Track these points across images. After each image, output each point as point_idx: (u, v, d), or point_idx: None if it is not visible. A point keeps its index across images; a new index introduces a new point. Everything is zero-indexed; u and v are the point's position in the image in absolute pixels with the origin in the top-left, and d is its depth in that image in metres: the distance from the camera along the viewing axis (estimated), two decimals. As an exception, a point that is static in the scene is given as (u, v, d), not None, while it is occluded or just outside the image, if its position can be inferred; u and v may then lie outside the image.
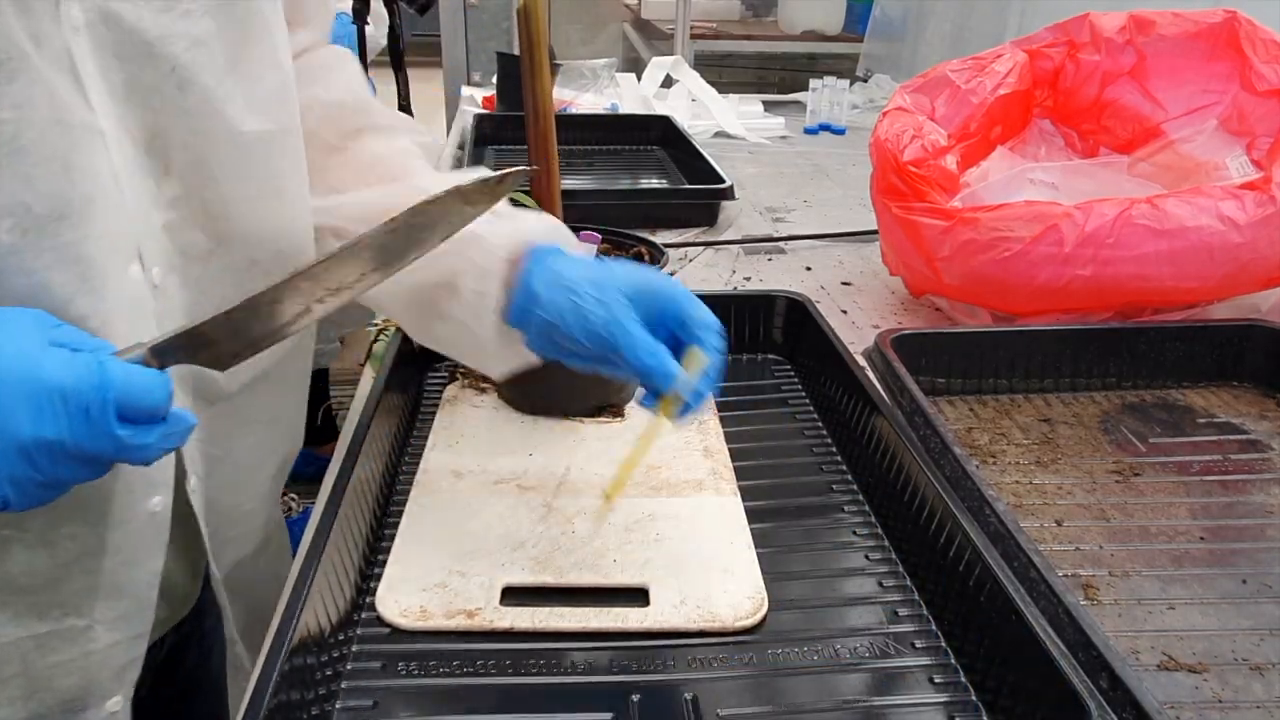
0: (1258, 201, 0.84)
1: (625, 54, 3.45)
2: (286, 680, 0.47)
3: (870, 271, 1.18)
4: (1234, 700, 0.54)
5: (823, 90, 1.99)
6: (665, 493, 0.70)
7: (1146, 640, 0.58)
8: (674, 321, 0.59)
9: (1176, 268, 0.86)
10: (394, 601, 0.58)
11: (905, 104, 1.04)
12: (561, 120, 0.87)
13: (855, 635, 0.58)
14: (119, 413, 0.43)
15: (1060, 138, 1.11)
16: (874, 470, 0.71)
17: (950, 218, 0.91)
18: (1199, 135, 1.01)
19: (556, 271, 0.59)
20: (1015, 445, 0.81)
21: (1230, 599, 0.62)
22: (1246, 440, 0.82)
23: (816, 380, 0.86)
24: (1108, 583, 0.64)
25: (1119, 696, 0.48)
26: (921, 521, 0.63)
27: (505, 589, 0.60)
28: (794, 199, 1.51)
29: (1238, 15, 0.99)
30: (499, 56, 2.08)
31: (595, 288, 0.57)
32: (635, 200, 1.44)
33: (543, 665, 0.55)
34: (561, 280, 0.58)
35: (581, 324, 0.57)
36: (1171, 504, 0.73)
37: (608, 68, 2.09)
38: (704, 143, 1.69)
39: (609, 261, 0.62)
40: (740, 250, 1.26)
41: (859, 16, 2.95)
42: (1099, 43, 1.05)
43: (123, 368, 0.44)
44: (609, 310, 0.57)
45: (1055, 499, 0.73)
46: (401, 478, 0.73)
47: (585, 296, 0.57)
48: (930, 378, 0.88)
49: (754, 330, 0.94)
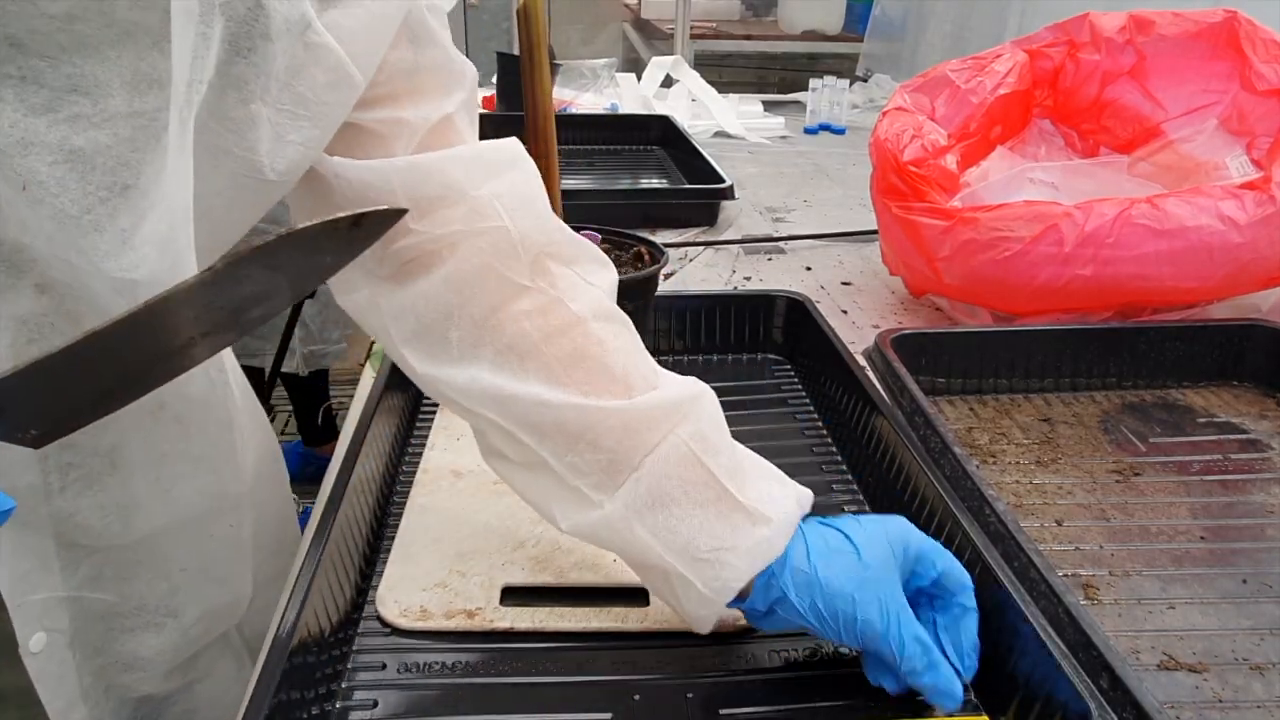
0: (1258, 201, 0.84)
1: (625, 54, 3.46)
2: (287, 680, 0.47)
3: (870, 271, 1.18)
4: (1234, 700, 0.54)
5: (823, 90, 1.99)
6: (665, 493, 0.70)
7: (1147, 640, 0.58)
8: (925, 580, 0.53)
9: (1176, 267, 0.86)
10: (394, 601, 0.58)
11: (905, 104, 1.04)
12: (561, 120, 0.87)
13: (855, 635, 0.58)
14: None
15: (1060, 137, 1.11)
16: (874, 470, 0.71)
17: (950, 217, 0.91)
18: (1199, 135, 1.01)
19: (809, 576, 0.50)
20: (1015, 445, 0.81)
21: (1230, 598, 0.62)
22: (1247, 440, 0.82)
23: (816, 380, 0.86)
24: (1108, 582, 0.64)
25: (1119, 696, 0.48)
26: (922, 521, 0.63)
27: (505, 589, 0.60)
28: (794, 199, 1.51)
29: (1238, 15, 0.99)
30: (499, 56, 2.08)
31: (863, 587, 0.49)
32: (635, 200, 1.44)
33: (543, 665, 0.55)
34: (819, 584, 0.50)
35: (850, 631, 0.50)
36: (1172, 504, 0.73)
37: (608, 68, 2.09)
38: (704, 142, 1.69)
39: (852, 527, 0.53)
40: (740, 250, 1.26)
41: (859, 16, 2.96)
42: (1099, 42, 1.05)
43: None
44: (886, 617, 0.49)
45: (1055, 499, 0.73)
46: (401, 478, 0.73)
47: (856, 602, 0.49)
48: (930, 377, 0.88)
49: (754, 330, 0.94)
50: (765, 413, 0.84)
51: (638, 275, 0.78)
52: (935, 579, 0.52)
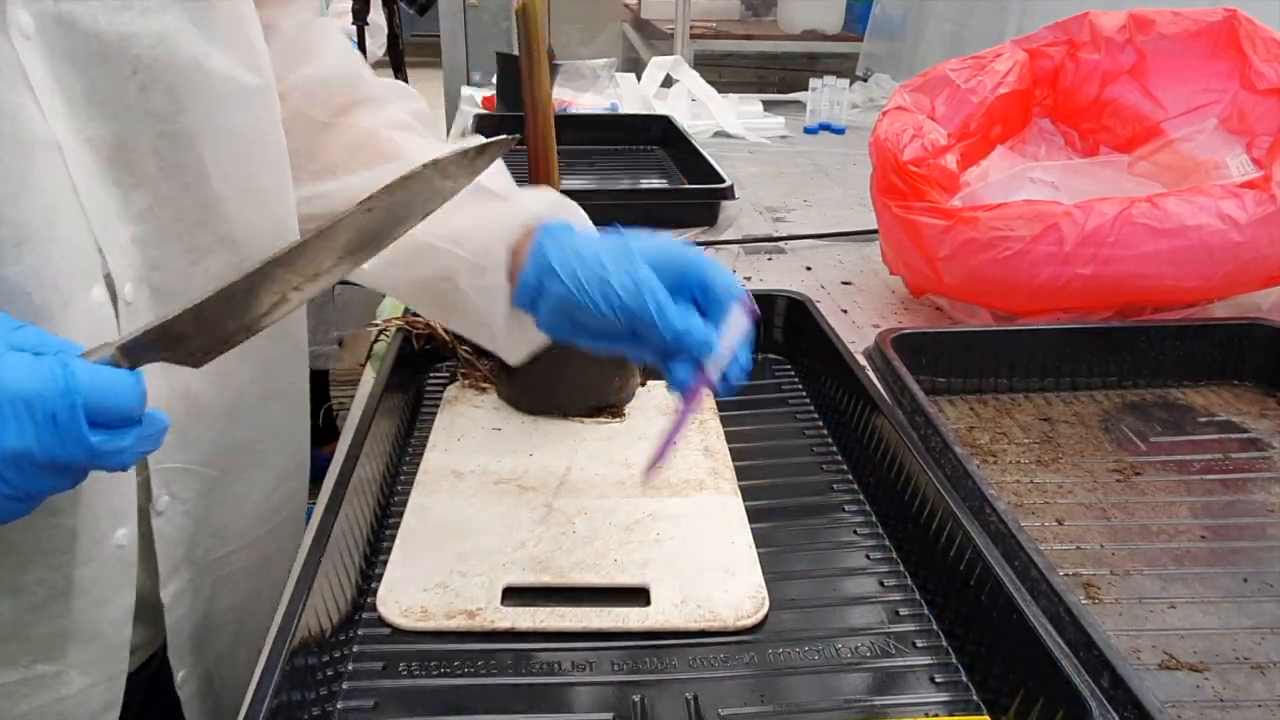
0: (1258, 200, 0.84)
1: (625, 54, 3.45)
2: (288, 680, 0.47)
3: (870, 271, 1.18)
4: (1235, 699, 0.54)
5: (822, 90, 1.99)
6: (666, 492, 0.70)
7: (1148, 639, 0.58)
8: (697, 289, 0.56)
9: (1177, 267, 0.86)
10: (395, 602, 0.58)
11: (905, 103, 1.04)
12: (561, 120, 0.87)
13: (856, 635, 0.58)
14: (89, 417, 0.40)
15: (1060, 137, 1.11)
16: (875, 469, 0.71)
17: (950, 217, 0.91)
18: (1199, 134, 1.01)
19: (573, 247, 0.56)
20: (1016, 444, 0.81)
21: (1231, 598, 0.62)
22: (1247, 439, 0.82)
23: (817, 380, 0.86)
24: (1109, 582, 0.64)
25: (1120, 696, 0.48)
26: (922, 521, 0.63)
27: (506, 589, 0.60)
28: (794, 199, 1.51)
29: (1238, 14, 0.99)
30: (499, 56, 2.08)
31: (617, 258, 0.55)
32: (635, 200, 1.44)
33: (544, 665, 0.55)
34: (579, 254, 0.56)
35: (606, 297, 0.54)
36: (1172, 503, 0.73)
37: (607, 68, 2.09)
38: (704, 142, 1.69)
39: (623, 230, 0.59)
40: (740, 250, 1.26)
41: (859, 16, 2.95)
42: (1099, 42, 1.05)
43: (90, 369, 0.41)
44: (635, 280, 0.54)
45: (1056, 498, 0.73)
46: (402, 478, 0.73)
47: (608, 268, 0.54)
48: (931, 377, 0.88)
49: (754, 329, 0.94)
50: (766, 412, 0.84)
51: (638, 275, 0.78)
52: (703, 286, 0.56)
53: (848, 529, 0.68)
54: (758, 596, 0.59)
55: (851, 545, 0.66)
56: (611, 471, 0.72)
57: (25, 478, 0.40)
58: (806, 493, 0.72)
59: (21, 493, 0.41)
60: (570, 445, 0.76)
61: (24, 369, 0.40)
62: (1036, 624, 0.50)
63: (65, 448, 0.40)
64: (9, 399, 0.39)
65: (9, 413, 0.39)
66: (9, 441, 0.39)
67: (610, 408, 0.80)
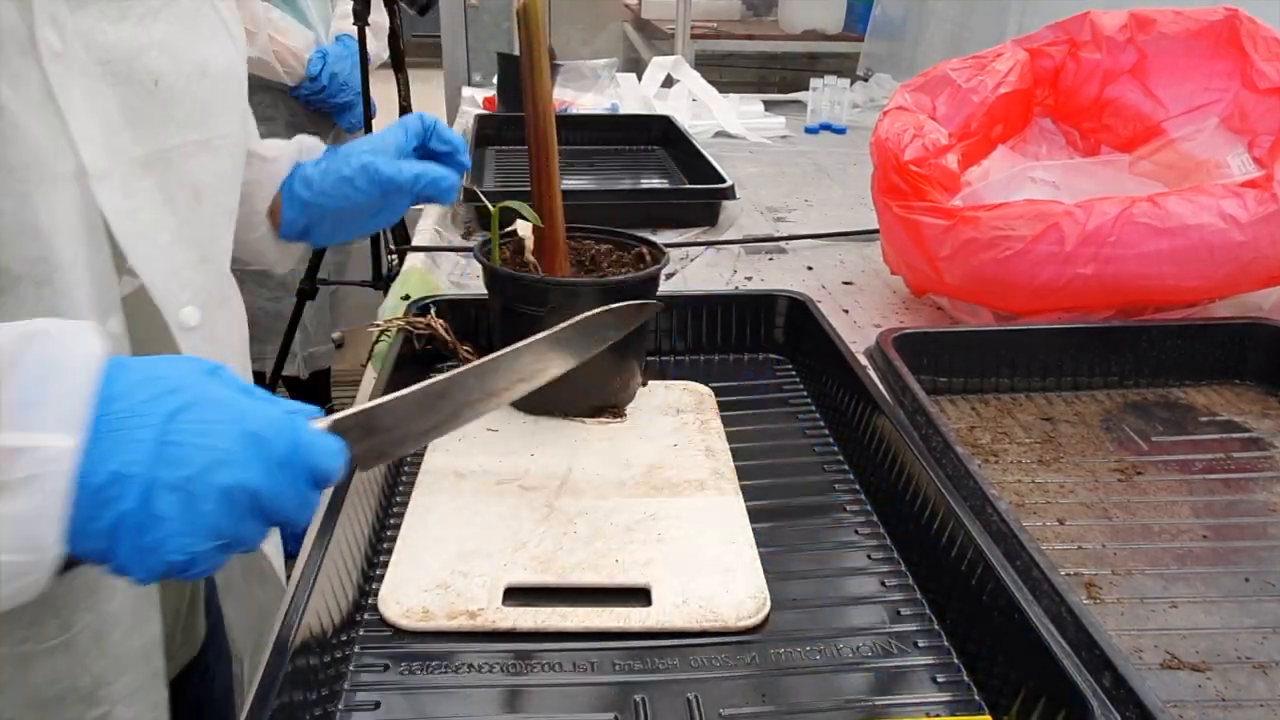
0: (1259, 200, 0.84)
1: (625, 54, 3.45)
2: (290, 681, 0.47)
3: (871, 271, 1.18)
4: (1237, 699, 0.54)
5: (823, 90, 1.99)
6: (667, 492, 0.70)
7: (1149, 639, 0.58)
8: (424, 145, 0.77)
9: (1178, 266, 0.86)
10: (396, 602, 0.58)
11: (906, 103, 1.04)
12: (562, 120, 0.87)
13: (857, 635, 0.58)
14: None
15: (1061, 136, 1.11)
16: (876, 469, 0.71)
17: (951, 217, 0.91)
18: (1200, 133, 1.01)
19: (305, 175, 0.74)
20: (1017, 444, 0.80)
21: (1233, 597, 0.62)
22: (1249, 438, 0.82)
23: (818, 380, 0.86)
24: (1110, 581, 0.64)
25: (1122, 695, 0.48)
26: (924, 521, 0.63)
27: (507, 589, 0.60)
28: (795, 198, 1.51)
29: (1238, 13, 0.98)
30: (500, 57, 2.08)
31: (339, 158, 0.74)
32: (636, 200, 1.44)
33: (545, 666, 0.55)
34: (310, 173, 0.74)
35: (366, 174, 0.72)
36: (1174, 503, 0.73)
37: (608, 68, 2.09)
38: (705, 142, 1.69)
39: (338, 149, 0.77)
40: (741, 250, 1.26)
41: (859, 16, 2.95)
42: (1100, 41, 1.05)
43: (313, 430, 0.43)
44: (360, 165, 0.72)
45: (1057, 498, 0.73)
46: (403, 478, 0.73)
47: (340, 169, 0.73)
48: (932, 377, 0.88)
49: (755, 330, 0.94)
50: (767, 412, 0.84)
51: (639, 275, 0.78)
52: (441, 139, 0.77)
53: (849, 529, 0.68)
54: (759, 596, 0.59)
55: (853, 545, 0.66)
56: (612, 471, 0.72)
57: (242, 520, 0.40)
58: (808, 493, 0.72)
59: (233, 537, 0.40)
60: (571, 445, 0.76)
61: (263, 414, 0.41)
62: (1038, 624, 0.50)
63: (287, 494, 0.41)
64: (248, 436, 0.40)
65: (242, 450, 0.39)
66: (247, 477, 0.39)
67: (611, 408, 0.80)
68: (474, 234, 1.27)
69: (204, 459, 0.38)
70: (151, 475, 0.37)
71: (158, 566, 0.38)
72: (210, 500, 0.38)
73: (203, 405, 0.39)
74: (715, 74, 2.69)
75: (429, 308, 0.88)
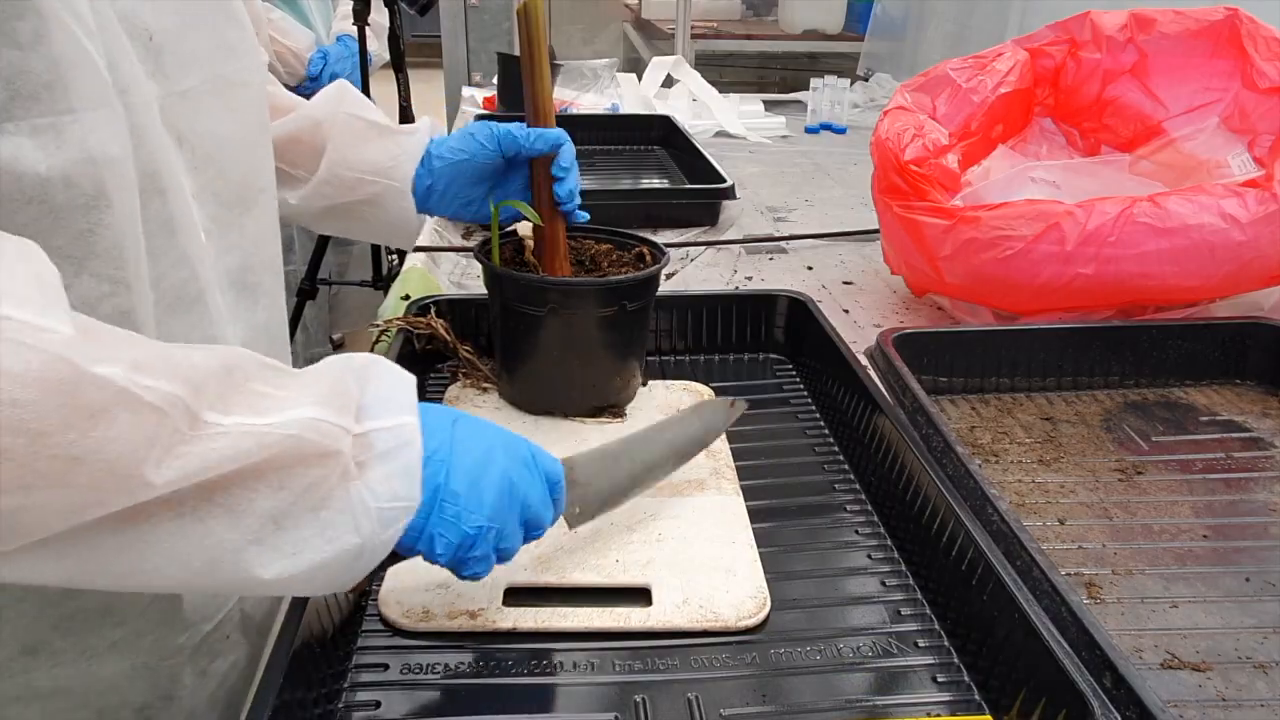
0: (1259, 199, 0.84)
1: (626, 54, 3.45)
2: (290, 681, 0.47)
3: (872, 271, 1.18)
4: (1237, 699, 0.54)
5: (823, 89, 1.99)
6: (667, 492, 0.70)
7: (1150, 639, 0.58)
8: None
9: (1178, 266, 0.86)
10: (396, 602, 0.58)
11: (906, 103, 1.04)
12: (562, 120, 0.87)
13: (858, 635, 0.58)
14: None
15: (1061, 136, 1.11)
16: (876, 469, 0.71)
17: (952, 217, 0.91)
18: (1200, 133, 1.01)
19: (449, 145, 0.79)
20: (1017, 444, 0.80)
21: (1233, 597, 0.62)
22: (1249, 438, 0.81)
23: (818, 380, 0.86)
24: (1111, 581, 0.64)
25: (1122, 695, 0.48)
26: (924, 520, 0.63)
27: (508, 589, 0.59)
28: (795, 198, 1.51)
29: (1239, 13, 0.98)
30: (500, 57, 2.08)
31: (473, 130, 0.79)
32: (636, 200, 1.44)
33: (545, 666, 0.55)
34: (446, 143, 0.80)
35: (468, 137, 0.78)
36: (1174, 502, 0.73)
37: (608, 68, 2.09)
38: (705, 142, 1.69)
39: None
40: (742, 250, 1.26)
41: (860, 16, 2.95)
42: (1100, 41, 1.05)
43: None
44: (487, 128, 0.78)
45: (1058, 498, 0.73)
46: (404, 478, 0.73)
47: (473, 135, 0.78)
48: (932, 377, 0.88)
49: (756, 330, 0.94)
50: (767, 412, 0.84)
51: (639, 275, 0.78)
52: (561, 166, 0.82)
53: (849, 529, 0.68)
54: (759, 596, 0.59)
55: (853, 545, 0.66)
56: (613, 471, 0.72)
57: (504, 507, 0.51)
58: (808, 492, 0.72)
59: (503, 552, 0.52)
60: (571, 445, 0.76)
61: (504, 430, 0.54)
62: (1039, 623, 0.50)
63: (535, 489, 0.53)
64: (504, 439, 0.53)
65: (503, 448, 0.52)
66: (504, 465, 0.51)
67: (611, 408, 0.80)
68: (474, 234, 1.27)
69: (481, 449, 0.51)
70: (450, 460, 0.49)
71: (455, 537, 0.48)
72: (486, 483, 0.50)
73: (470, 419, 0.52)
74: (715, 74, 2.69)
75: (429, 308, 0.88)
